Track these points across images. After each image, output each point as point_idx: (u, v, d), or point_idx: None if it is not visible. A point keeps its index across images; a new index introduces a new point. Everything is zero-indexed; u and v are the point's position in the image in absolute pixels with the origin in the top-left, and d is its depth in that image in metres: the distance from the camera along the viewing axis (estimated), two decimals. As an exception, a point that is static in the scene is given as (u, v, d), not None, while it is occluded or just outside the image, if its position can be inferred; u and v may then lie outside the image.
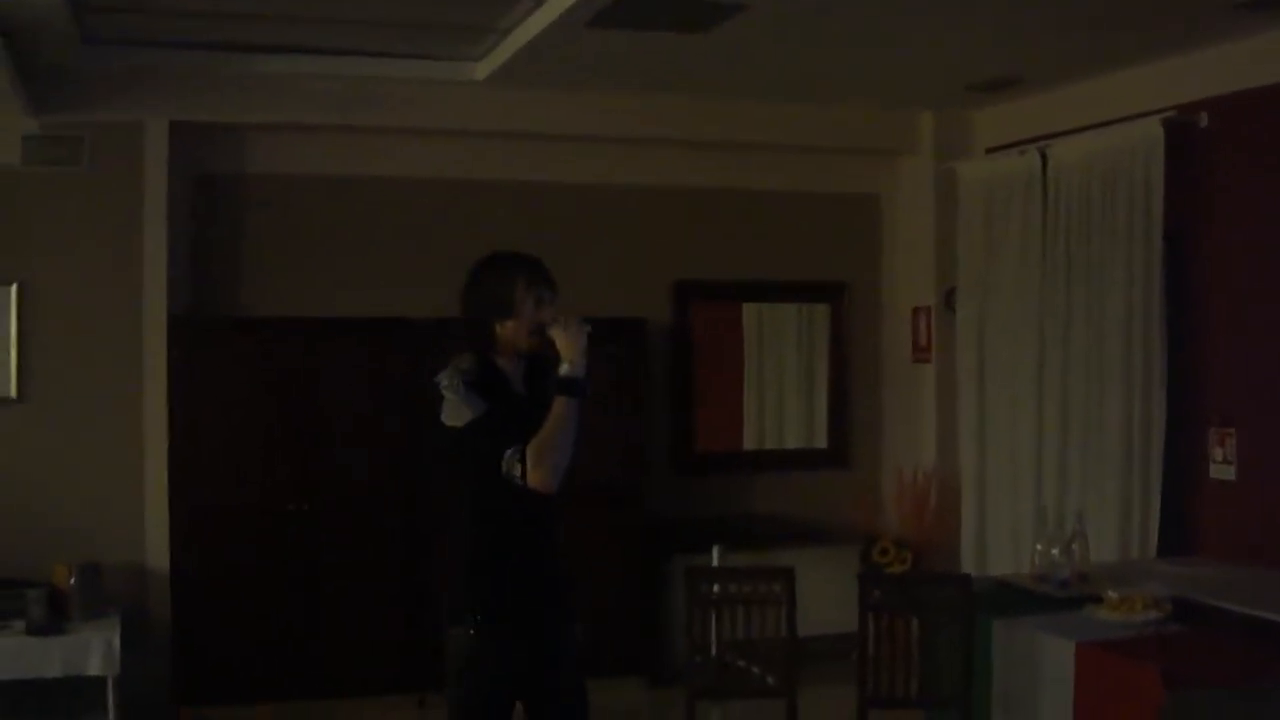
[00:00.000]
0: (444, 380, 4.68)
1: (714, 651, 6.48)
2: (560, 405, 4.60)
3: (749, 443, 9.98)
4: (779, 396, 10.11)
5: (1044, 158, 8.75)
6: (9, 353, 8.15)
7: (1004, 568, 8.49)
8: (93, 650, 7.24)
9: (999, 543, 9.10)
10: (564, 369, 4.65)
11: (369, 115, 8.65)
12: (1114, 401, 8.08)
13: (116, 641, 7.27)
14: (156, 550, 8.27)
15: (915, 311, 9.97)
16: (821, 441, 10.12)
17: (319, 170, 8.89)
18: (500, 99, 8.76)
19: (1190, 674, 5.40)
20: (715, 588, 6.28)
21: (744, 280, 9.83)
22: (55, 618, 7.35)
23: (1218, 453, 7.64)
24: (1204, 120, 7.78)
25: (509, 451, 4.54)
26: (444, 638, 4.77)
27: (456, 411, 4.63)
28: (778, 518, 9.66)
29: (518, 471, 4.53)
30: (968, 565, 9.09)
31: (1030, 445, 8.81)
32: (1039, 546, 6.91)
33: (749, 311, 9.97)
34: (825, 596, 7.72)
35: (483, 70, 8.51)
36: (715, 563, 8.57)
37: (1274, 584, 6.77)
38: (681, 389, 9.68)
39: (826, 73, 8.56)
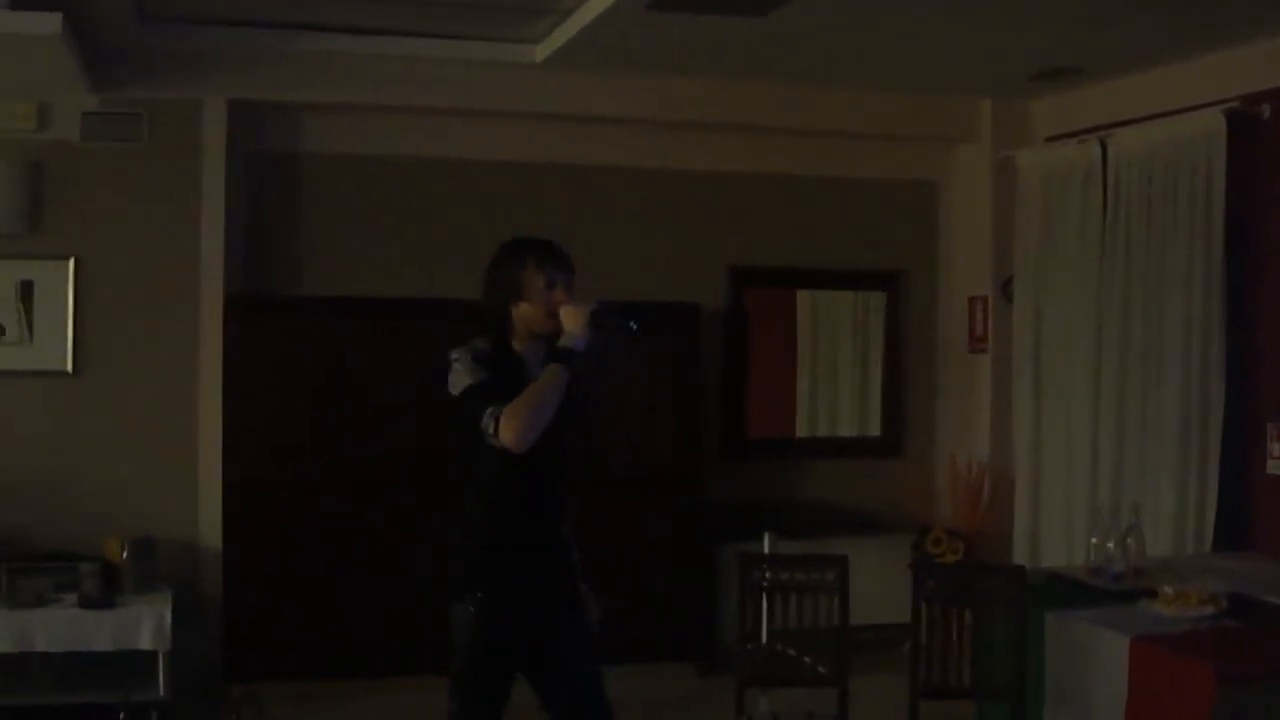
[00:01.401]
0: (454, 354, 4.79)
1: (764, 639, 6.46)
2: (549, 371, 4.71)
3: (801, 430, 9.95)
4: (833, 384, 10.07)
5: (1104, 148, 8.69)
6: (66, 327, 8.21)
7: (1057, 560, 8.46)
8: (144, 625, 7.28)
9: (1052, 535, 9.06)
10: (563, 340, 4.75)
11: (426, 96, 8.67)
12: (1171, 394, 8.02)
13: (168, 616, 7.31)
14: (209, 527, 8.31)
15: (972, 301, 9.91)
16: (875, 430, 10.08)
17: (375, 151, 8.90)
18: (558, 82, 8.75)
19: (1244, 671, 5.37)
20: (767, 575, 6.25)
21: (799, 267, 9.79)
22: (107, 591, 7.40)
23: (1276, 448, 7.57)
24: (1266, 112, 7.70)
25: (489, 409, 4.62)
26: (448, 611, 4.86)
27: (458, 379, 4.74)
28: (829, 505, 9.62)
29: (491, 429, 4.60)
30: (1020, 557, 9.04)
31: (1086, 437, 8.76)
32: (1093, 539, 6.87)
33: (803, 298, 9.93)
34: (876, 586, 7.67)
35: (541, 53, 8.50)
36: (766, 549, 8.55)
37: (1331, 582, 6.71)
38: (734, 375, 9.65)
39: (885, 59, 8.51)
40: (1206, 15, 7.25)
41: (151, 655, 7.33)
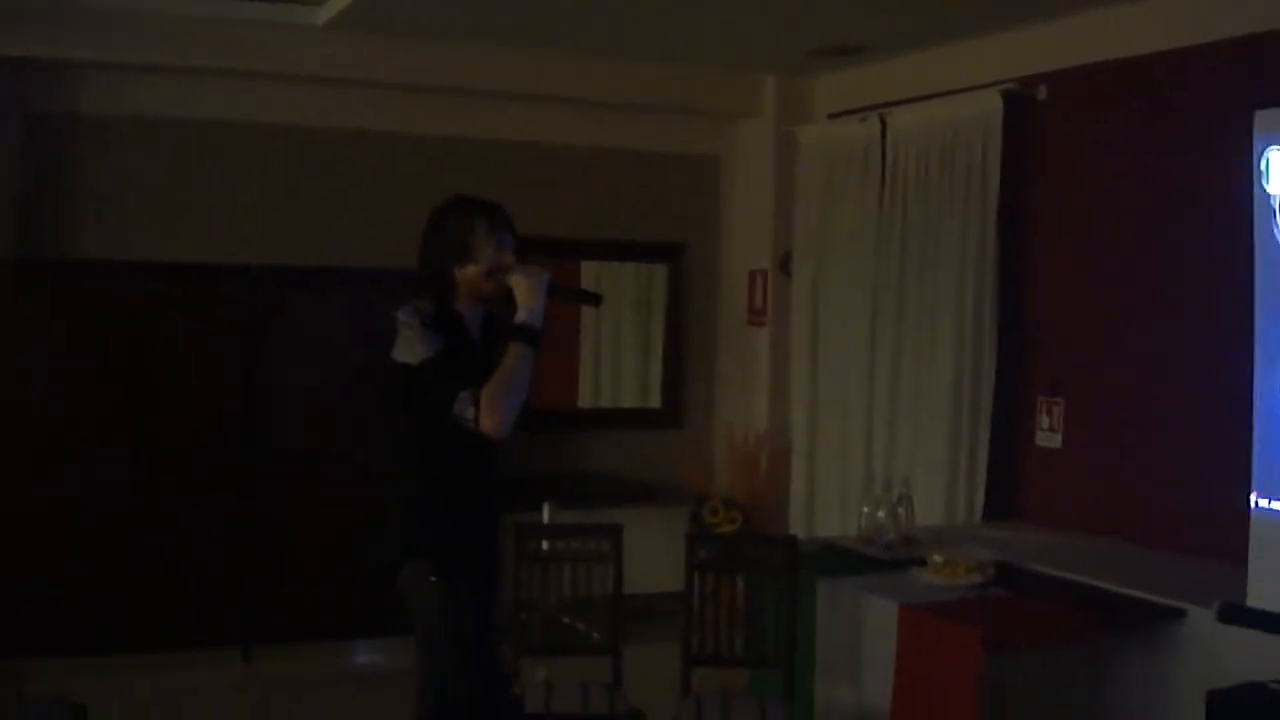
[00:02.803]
0: (402, 315, 4.66)
1: (542, 608, 6.45)
2: (515, 352, 4.60)
3: (584, 400, 9.97)
4: (615, 355, 10.11)
5: (884, 125, 8.80)
6: None
7: (832, 530, 8.58)
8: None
9: (828, 505, 9.19)
10: (520, 315, 4.64)
11: (208, 57, 8.42)
12: (944, 368, 8.16)
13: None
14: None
15: (752, 275, 10.00)
16: (655, 401, 10.13)
17: (158, 112, 8.64)
18: (340, 45, 8.58)
19: (1009, 637, 5.49)
20: (544, 544, 6.25)
21: (582, 238, 9.76)
22: None
23: (1044, 421, 7.75)
24: (1042, 93, 7.86)
25: (463, 394, 4.51)
26: (398, 584, 4.79)
27: (411, 348, 4.62)
28: (610, 476, 9.65)
29: (470, 415, 4.50)
30: (796, 527, 9.16)
31: (861, 409, 8.89)
32: (865, 509, 7.00)
33: (587, 269, 9.91)
34: (655, 555, 7.70)
35: (323, 15, 8.36)
36: (545, 520, 8.55)
37: (1094, 550, 6.90)
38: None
39: (671, 33, 8.52)
40: (986, -3, 7.39)
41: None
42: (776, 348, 9.75)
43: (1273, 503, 5.42)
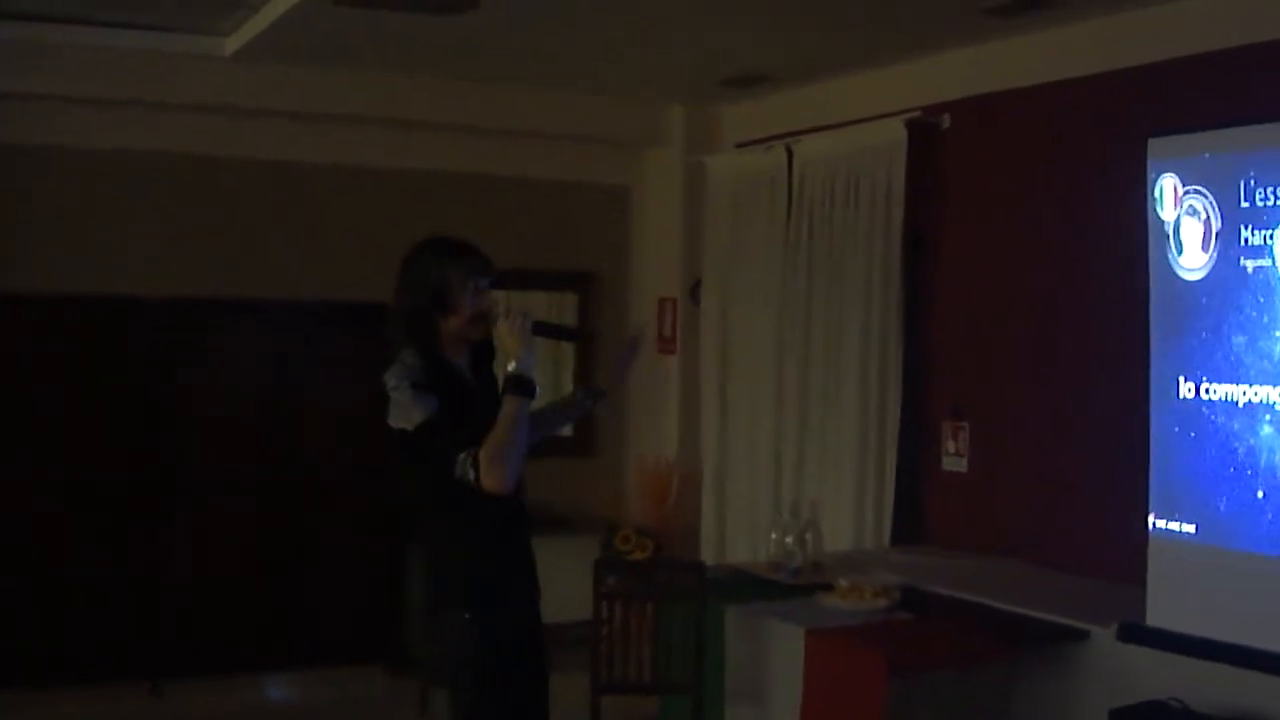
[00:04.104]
0: (390, 381, 4.52)
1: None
2: (511, 405, 4.48)
3: (496, 430, 9.95)
4: (526, 384, 10.07)
5: (790, 154, 8.86)
6: None
7: (743, 556, 8.60)
8: None
9: (738, 532, 9.21)
10: (511, 366, 4.54)
11: (118, 87, 8.33)
12: (851, 395, 8.21)
13: None
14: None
15: (661, 302, 10.03)
16: (568, 430, 10.12)
17: (69, 143, 8.54)
18: (248, 75, 8.54)
19: (914, 660, 5.55)
20: (453, 574, 6.23)
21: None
22: None
23: (950, 445, 7.82)
24: (946, 122, 7.93)
25: (461, 455, 4.41)
26: (436, 629, 4.70)
27: (405, 413, 4.48)
28: (521, 505, 9.63)
29: (471, 476, 4.40)
30: (708, 554, 9.18)
31: (769, 436, 8.93)
32: (774, 535, 7.03)
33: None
34: (567, 584, 7.66)
35: (231, 45, 8.33)
36: (456, 549, 8.52)
37: (1000, 572, 6.97)
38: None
39: (578, 62, 8.55)
40: (892, 26, 7.44)
41: None
42: (686, 375, 9.78)
43: (1169, 524, 5.51)
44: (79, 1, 7.71)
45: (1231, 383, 5.33)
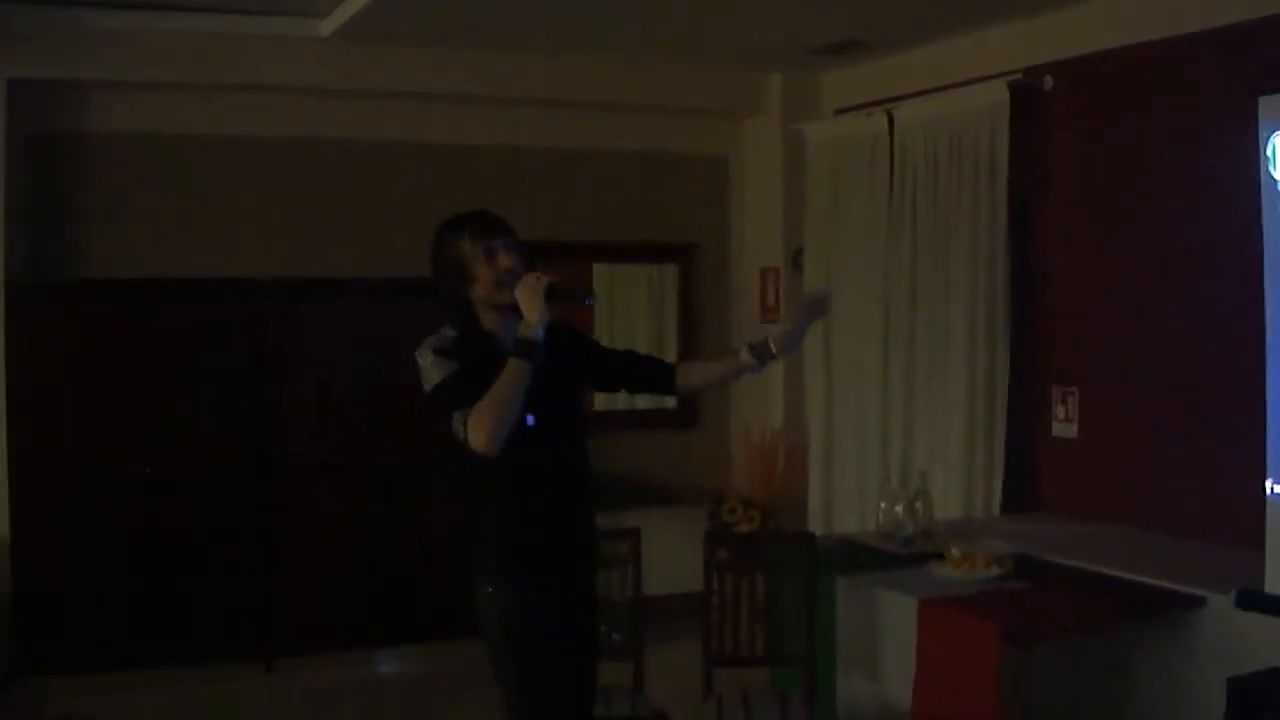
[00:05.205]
0: (418, 354, 4.59)
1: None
2: (510, 368, 4.45)
3: (599, 403, 9.95)
4: (629, 358, 10.09)
5: (891, 119, 8.79)
6: None
7: (850, 526, 8.59)
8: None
9: (845, 501, 9.18)
10: (520, 329, 4.50)
11: (213, 72, 8.44)
12: (958, 361, 8.16)
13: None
14: (-5, 518, 8.08)
15: (764, 272, 10.00)
16: (671, 402, 10.12)
17: (165, 129, 8.66)
18: (345, 57, 8.60)
19: (1028, 629, 5.49)
20: (562, 548, 6.24)
21: (593, 240, 9.78)
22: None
23: (1060, 411, 7.74)
24: (1049, 83, 7.85)
25: (457, 413, 4.44)
26: (472, 599, 4.71)
27: (427, 378, 4.56)
28: (627, 478, 9.62)
29: (462, 435, 4.43)
30: (815, 524, 9.16)
31: (876, 404, 8.88)
32: (883, 505, 6.98)
33: (599, 272, 9.94)
34: (674, 557, 7.71)
35: (328, 27, 8.38)
36: (564, 523, 8.54)
37: (1111, 539, 6.90)
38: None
39: (677, 33, 8.53)
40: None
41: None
42: (790, 345, 9.72)
43: (1288, 488, 5.42)
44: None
45: (1349, 342, 5.24)
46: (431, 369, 4.54)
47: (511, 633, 4.63)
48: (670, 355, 9.97)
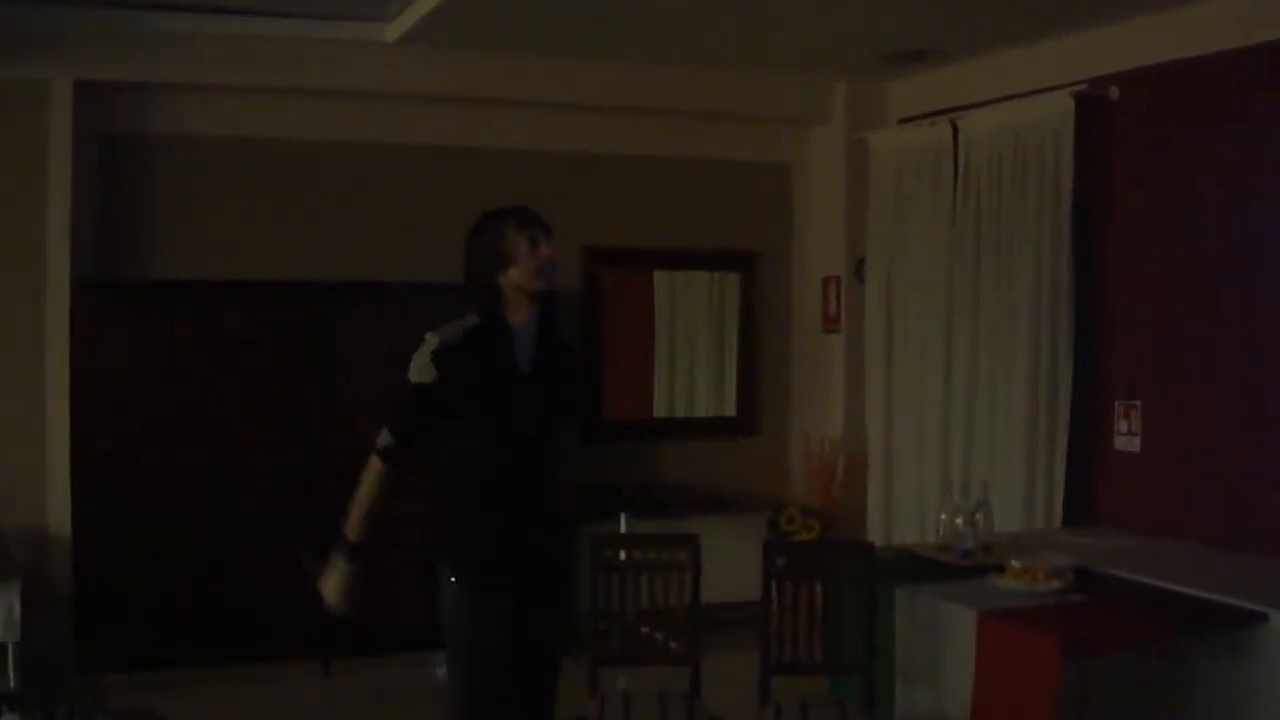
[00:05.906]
0: (429, 335, 4.78)
1: (619, 619, 6.45)
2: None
3: (659, 410, 9.98)
4: (689, 365, 10.11)
5: (955, 129, 8.77)
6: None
7: (910, 537, 8.56)
8: (-8, 616, 7.14)
9: (905, 512, 9.16)
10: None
11: (278, 76, 8.52)
12: (1021, 373, 8.13)
13: (17, 607, 7.16)
14: (58, 516, 8.14)
15: (825, 281, 9.98)
16: (731, 410, 10.13)
17: (229, 132, 8.74)
18: (411, 61, 8.66)
19: (1089, 643, 5.45)
20: (621, 554, 6.25)
21: (655, 247, 9.81)
22: (-47, 582, 7.24)
23: (1122, 425, 7.70)
24: (1114, 94, 7.81)
25: (385, 429, 4.81)
26: (434, 593, 4.87)
27: (410, 368, 4.76)
28: (686, 486, 9.65)
29: (372, 442, 4.80)
30: (874, 534, 9.14)
31: (937, 415, 8.86)
32: (943, 516, 6.95)
33: (660, 279, 9.96)
34: (732, 564, 7.70)
35: (394, 32, 8.42)
36: (622, 530, 8.55)
37: (1174, 554, 6.85)
38: (590, 356, 9.63)
39: (741, 40, 8.54)
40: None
41: (1, 647, 7.19)
42: (851, 354, 9.73)
43: (1354, 504, 5.38)
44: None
45: None
46: (416, 365, 4.77)
47: (461, 622, 4.80)
48: (731, 364, 10.00)
